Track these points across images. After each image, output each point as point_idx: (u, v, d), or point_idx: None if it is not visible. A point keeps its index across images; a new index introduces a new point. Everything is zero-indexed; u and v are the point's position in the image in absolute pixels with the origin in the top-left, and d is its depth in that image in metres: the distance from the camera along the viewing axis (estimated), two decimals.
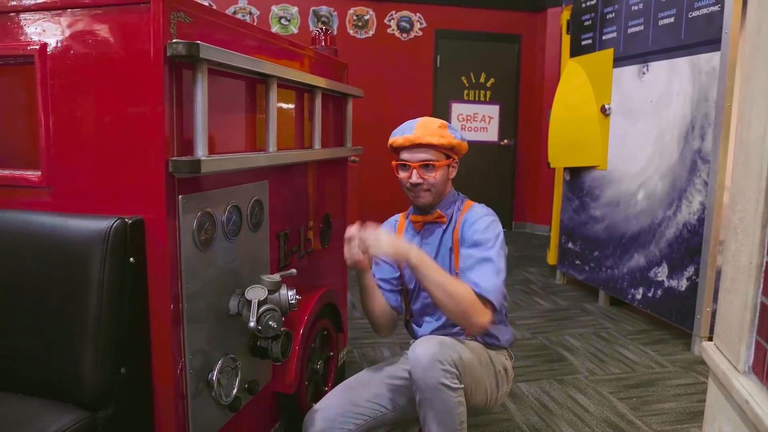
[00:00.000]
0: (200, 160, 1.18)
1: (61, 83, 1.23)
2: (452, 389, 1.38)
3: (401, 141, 1.58)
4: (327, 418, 1.55)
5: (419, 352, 1.40)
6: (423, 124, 1.59)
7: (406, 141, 1.57)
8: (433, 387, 1.37)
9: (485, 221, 1.59)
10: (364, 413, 1.57)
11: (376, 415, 1.59)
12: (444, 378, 1.37)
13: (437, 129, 1.58)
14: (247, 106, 1.54)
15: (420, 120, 1.61)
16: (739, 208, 1.18)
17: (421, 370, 1.38)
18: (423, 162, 1.58)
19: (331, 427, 1.54)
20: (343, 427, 1.55)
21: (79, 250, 1.13)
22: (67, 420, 1.04)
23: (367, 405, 1.59)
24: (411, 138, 1.56)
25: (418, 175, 1.58)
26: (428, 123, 1.60)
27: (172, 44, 1.15)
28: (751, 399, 1.05)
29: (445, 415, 1.39)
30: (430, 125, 1.59)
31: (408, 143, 1.57)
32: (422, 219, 1.68)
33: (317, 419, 1.55)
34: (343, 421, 1.55)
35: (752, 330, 1.12)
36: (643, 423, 2.13)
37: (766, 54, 1.09)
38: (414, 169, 1.58)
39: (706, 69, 2.73)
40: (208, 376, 1.34)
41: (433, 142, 1.56)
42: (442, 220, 1.66)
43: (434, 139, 1.56)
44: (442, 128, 1.60)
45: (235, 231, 1.43)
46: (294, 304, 1.46)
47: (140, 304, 1.20)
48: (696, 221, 2.82)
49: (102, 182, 1.23)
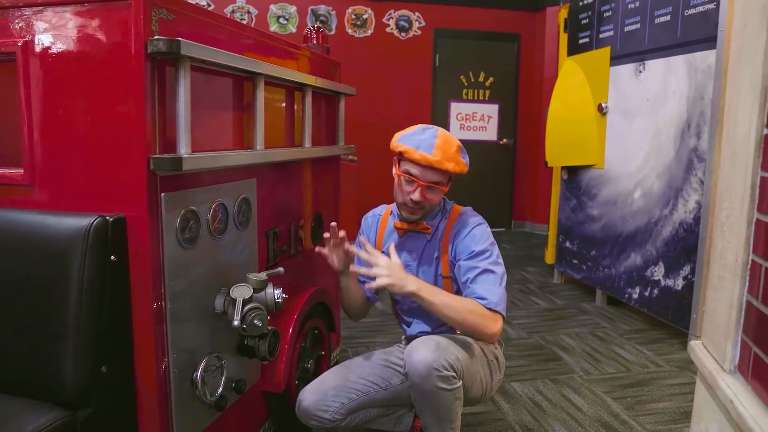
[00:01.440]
0: (182, 157, 1.18)
1: (44, 81, 1.22)
2: (449, 390, 1.39)
3: (417, 157, 1.48)
4: (319, 391, 1.59)
5: (416, 360, 1.39)
6: (443, 147, 1.50)
7: (422, 160, 1.48)
8: (429, 391, 1.39)
9: (479, 231, 1.58)
10: (356, 389, 1.61)
11: (368, 392, 1.63)
12: (441, 383, 1.38)
13: (454, 154, 1.52)
14: (234, 104, 1.53)
15: (439, 137, 1.52)
16: (725, 206, 1.17)
17: (418, 377, 1.39)
18: (432, 184, 1.53)
19: (323, 400, 1.57)
20: (335, 401, 1.58)
21: (59, 247, 1.13)
22: (45, 419, 1.04)
23: (360, 382, 1.63)
24: (430, 159, 1.48)
25: (422, 194, 1.52)
26: (448, 145, 1.51)
27: (153, 41, 1.14)
28: (735, 399, 1.03)
29: (441, 411, 1.43)
30: (449, 148, 1.51)
31: (425, 163, 1.49)
32: (407, 227, 1.65)
33: (310, 392, 1.59)
34: (335, 395, 1.59)
35: (738, 329, 1.11)
36: (637, 423, 2.12)
37: (751, 51, 1.07)
38: (420, 187, 1.52)
39: (702, 67, 2.72)
40: (192, 375, 1.33)
41: (449, 169, 1.50)
42: (428, 232, 1.64)
43: (450, 166, 1.50)
44: (458, 153, 1.53)
45: (221, 229, 1.43)
46: (280, 302, 1.45)
47: (122, 302, 1.19)
48: (692, 220, 2.80)
49: (84, 180, 1.23)
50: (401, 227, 1.66)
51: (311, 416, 1.57)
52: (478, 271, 1.50)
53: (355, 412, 1.62)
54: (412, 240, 1.67)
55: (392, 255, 1.49)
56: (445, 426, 1.46)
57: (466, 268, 1.53)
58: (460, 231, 1.59)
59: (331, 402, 1.57)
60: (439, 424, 1.45)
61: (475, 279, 1.50)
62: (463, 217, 1.63)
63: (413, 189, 1.53)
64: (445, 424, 1.45)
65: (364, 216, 1.81)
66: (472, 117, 5.97)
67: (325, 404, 1.57)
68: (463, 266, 1.54)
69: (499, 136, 6.05)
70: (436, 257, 1.63)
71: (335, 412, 1.57)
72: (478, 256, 1.53)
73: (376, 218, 1.77)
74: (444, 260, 1.62)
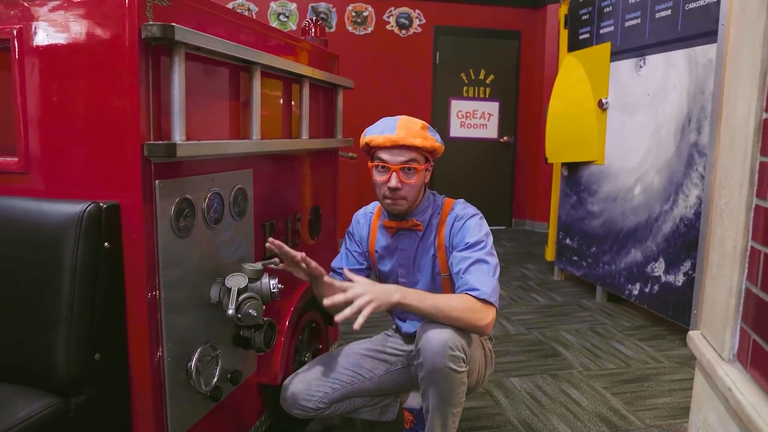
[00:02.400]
0: (175, 144, 1.17)
1: (38, 67, 1.21)
2: (457, 372, 1.39)
3: (381, 140, 1.48)
4: (303, 380, 1.59)
5: (431, 336, 1.38)
6: (405, 124, 1.50)
7: (387, 141, 1.47)
8: (440, 369, 1.38)
9: (473, 222, 1.54)
10: (340, 378, 1.61)
11: (352, 382, 1.62)
12: (452, 362, 1.37)
13: (420, 130, 1.50)
14: (231, 93, 1.52)
15: (401, 119, 1.52)
16: (724, 192, 1.15)
17: (431, 353, 1.37)
18: (404, 165, 1.48)
19: (307, 389, 1.57)
20: (318, 390, 1.58)
21: (52, 234, 1.12)
22: (37, 406, 1.03)
23: (344, 372, 1.62)
24: (394, 138, 1.46)
25: (398, 179, 1.48)
26: (411, 123, 1.51)
27: (147, 26, 1.13)
28: (734, 387, 1.02)
29: (447, 393, 1.42)
30: (413, 126, 1.50)
31: (390, 143, 1.47)
32: (396, 225, 1.60)
33: (295, 382, 1.59)
34: (318, 384, 1.59)
35: (737, 317, 1.09)
36: (636, 418, 2.10)
37: (750, 34, 1.06)
38: (394, 171, 1.48)
39: (703, 61, 2.70)
40: (187, 364, 1.32)
41: (416, 144, 1.47)
42: (418, 228, 1.59)
43: (418, 141, 1.47)
44: (424, 129, 1.51)
45: (216, 219, 1.42)
46: (276, 293, 1.44)
47: (116, 289, 1.18)
48: (693, 215, 2.78)
49: (79, 167, 1.22)
50: (390, 226, 1.62)
51: (295, 405, 1.57)
52: (471, 261, 1.47)
53: (339, 402, 1.62)
54: (404, 238, 1.62)
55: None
56: (448, 408, 1.44)
57: (459, 258, 1.50)
58: (454, 225, 1.55)
59: (315, 391, 1.57)
60: (442, 405, 1.44)
61: (467, 269, 1.46)
62: (456, 209, 1.59)
63: (388, 176, 1.49)
64: (448, 407, 1.44)
65: (355, 214, 1.76)
66: (473, 115, 5.96)
67: (309, 393, 1.57)
68: (456, 257, 1.51)
69: (499, 134, 6.03)
70: (432, 255, 1.59)
71: (319, 401, 1.57)
72: (472, 247, 1.50)
73: (367, 216, 1.73)
74: (441, 258, 1.59)
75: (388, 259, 1.67)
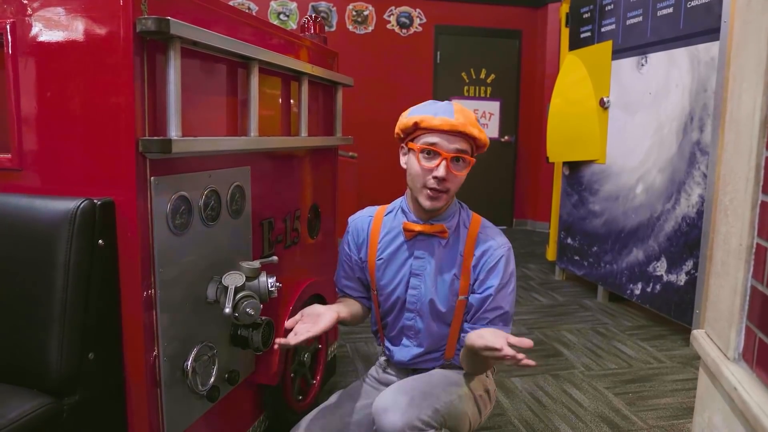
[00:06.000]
0: (171, 139, 1.15)
1: (31, 62, 1.19)
2: None
3: (437, 123, 1.28)
4: None
5: (386, 424, 1.21)
6: (464, 112, 1.32)
7: (444, 124, 1.28)
8: None
9: (506, 258, 1.39)
10: None
11: None
12: None
13: (476, 121, 1.34)
14: (229, 90, 1.50)
15: (455, 103, 1.34)
16: (729, 189, 1.13)
17: None
18: (458, 153, 1.30)
19: None
20: None
21: (45, 231, 1.10)
22: (29, 406, 1.01)
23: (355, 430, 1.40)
24: (452, 122, 1.28)
25: (447, 168, 1.30)
26: (467, 111, 1.34)
27: (142, 20, 1.11)
28: (739, 386, 1.00)
29: None
30: (470, 114, 1.33)
31: (447, 127, 1.28)
32: (421, 229, 1.40)
33: None
34: None
35: (742, 315, 1.07)
36: (638, 418, 2.08)
37: (756, 28, 1.04)
38: (444, 159, 1.29)
39: (705, 59, 2.68)
40: (183, 364, 1.30)
41: (474, 134, 1.30)
42: (443, 236, 1.40)
43: (476, 132, 1.30)
44: (476, 120, 1.36)
45: (213, 216, 1.40)
46: (274, 291, 1.42)
47: (111, 288, 1.16)
48: (695, 214, 2.76)
49: (73, 163, 1.20)
50: (411, 229, 1.41)
51: None
52: (499, 312, 1.37)
53: None
54: (422, 245, 1.43)
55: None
56: None
57: (480, 303, 1.38)
58: (484, 257, 1.39)
59: None
60: None
61: (493, 321, 1.37)
62: (487, 234, 1.41)
63: (437, 163, 1.29)
64: None
65: (351, 217, 1.57)
66: None
67: None
68: (478, 299, 1.38)
69: (500, 134, 6.01)
70: (454, 274, 1.40)
71: None
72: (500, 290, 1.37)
73: (366, 220, 1.53)
74: (464, 280, 1.40)
75: (394, 267, 1.46)
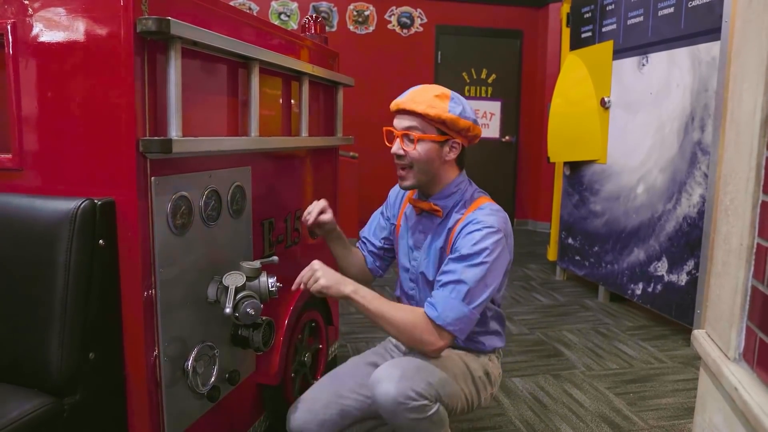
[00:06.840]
0: (171, 139, 1.15)
1: (32, 62, 1.19)
2: (423, 418, 1.30)
3: (392, 106, 1.44)
4: (310, 409, 1.50)
5: (379, 394, 1.29)
6: (419, 91, 1.42)
7: (393, 105, 1.43)
8: (403, 423, 1.30)
9: (482, 233, 1.36)
10: (347, 403, 1.51)
11: (360, 406, 1.51)
12: (411, 413, 1.28)
13: (431, 98, 1.38)
14: (230, 90, 1.51)
15: (422, 86, 1.46)
16: (730, 189, 1.13)
17: (385, 413, 1.30)
18: (405, 131, 1.40)
19: (314, 419, 1.48)
20: (326, 418, 1.49)
21: (45, 231, 1.10)
22: (29, 406, 1.01)
23: (351, 395, 1.52)
24: (398, 102, 1.42)
25: (399, 145, 1.41)
26: (425, 90, 1.42)
27: (142, 20, 1.11)
28: (740, 386, 1.00)
29: None
30: (426, 93, 1.41)
31: (394, 108, 1.42)
32: (417, 204, 1.51)
33: (300, 410, 1.51)
34: (326, 412, 1.49)
35: (743, 315, 1.07)
36: (639, 418, 2.08)
37: (757, 27, 1.04)
38: (398, 138, 1.42)
39: (706, 59, 2.68)
40: (183, 364, 1.30)
41: (417, 111, 1.37)
42: (437, 214, 1.47)
43: (420, 107, 1.36)
44: (441, 98, 1.39)
45: (214, 216, 1.40)
46: (274, 291, 1.42)
47: (111, 288, 1.16)
48: (696, 214, 2.76)
49: (74, 163, 1.20)
50: (414, 204, 1.53)
51: None
52: (451, 278, 1.34)
53: (349, 428, 1.53)
54: (426, 221, 1.52)
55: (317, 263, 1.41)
56: None
57: (446, 269, 1.38)
58: (465, 228, 1.40)
59: (322, 421, 1.48)
60: None
61: (445, 285, 1.34)
62: (478, 213, 1.42)
63: (392, 142, 1.44)
64: None
65: (393, 188, 1.69)
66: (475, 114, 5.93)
67: (317, 424, 1.47)
68: (445, 263, 1.40)
69: (501, 134, 6.01)
70: (440, 248, 1.47)
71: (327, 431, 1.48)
72: (461, 260, 1.35)
73: (402, 193, 1.66)
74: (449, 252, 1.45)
75: (407, 237, 1.58)
